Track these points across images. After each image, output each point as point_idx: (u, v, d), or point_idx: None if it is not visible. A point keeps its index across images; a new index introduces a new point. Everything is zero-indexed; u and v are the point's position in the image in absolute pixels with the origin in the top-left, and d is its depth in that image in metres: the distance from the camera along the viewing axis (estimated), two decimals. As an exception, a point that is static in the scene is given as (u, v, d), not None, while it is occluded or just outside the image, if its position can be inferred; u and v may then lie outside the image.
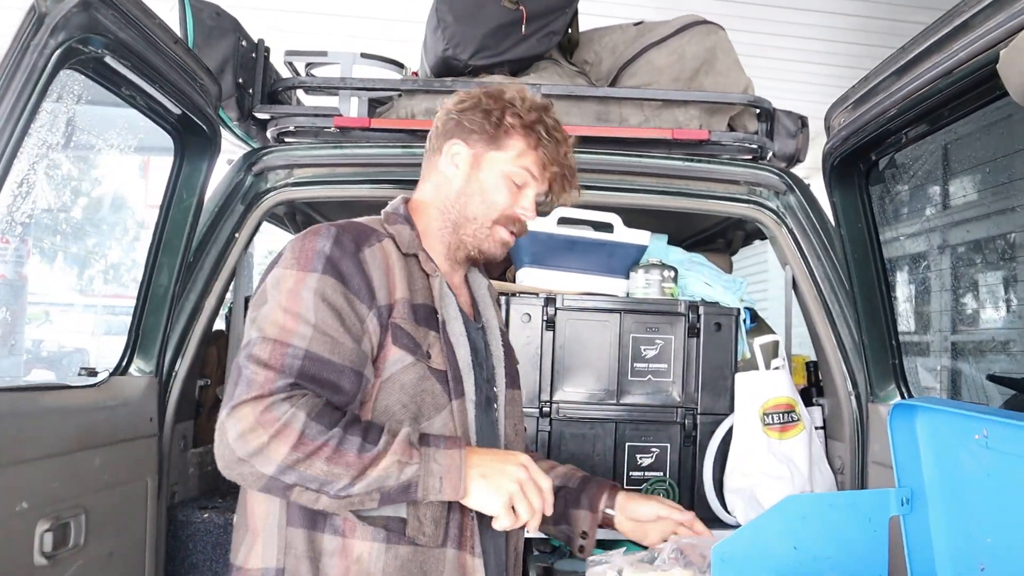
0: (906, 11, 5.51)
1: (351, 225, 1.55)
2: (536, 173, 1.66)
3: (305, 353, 1.40)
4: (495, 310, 1.83)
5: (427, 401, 1.51)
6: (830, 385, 2.47)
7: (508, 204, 1.65)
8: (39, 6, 1.40)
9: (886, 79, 1.82)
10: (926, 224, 2.51)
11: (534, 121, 1.65)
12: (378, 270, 1.50)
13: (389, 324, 1.49)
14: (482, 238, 1.67)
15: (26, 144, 1.49)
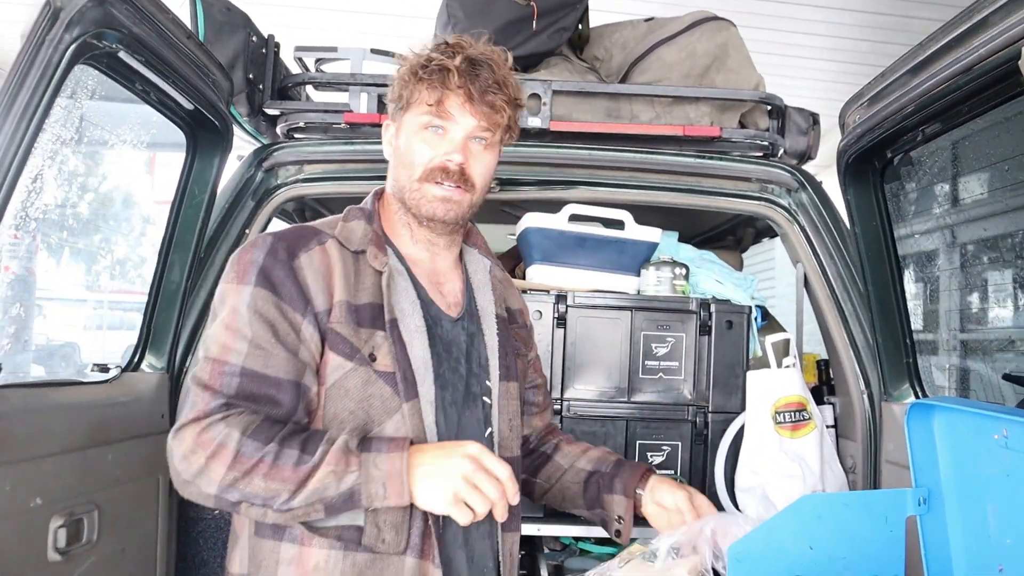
0: (915, 7, 5.50)
1: (291, 231, 1.53)
2: (438, 109, 1.54)
3: (241, 370, 1.40)
4: (499, 294, 1.75)
5: (376, 406, 1.46)
6: (842, 384, 2.46)
7: (426, 157, 1.56)
8: (54, 1, 1.40)
9: (902, 76, 1.81)
10: (941, 221, 2.50)
11: (418, 63, 1.55)
12: (315, 275, 1.47)
13: (327, 329, 1.46)
14: (417, 202, 1.58)
15: (39, 139, 1.48)
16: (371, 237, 1.57)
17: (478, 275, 1.73)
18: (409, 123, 1.58)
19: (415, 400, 1.48)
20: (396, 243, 1.63)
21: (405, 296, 1.54)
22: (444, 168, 1.55)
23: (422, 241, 1.63)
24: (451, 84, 1.51)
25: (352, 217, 1.61)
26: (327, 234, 1.54)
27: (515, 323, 1.83)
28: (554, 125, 2.50)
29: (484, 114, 1.55)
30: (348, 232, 1.56)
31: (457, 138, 1.56)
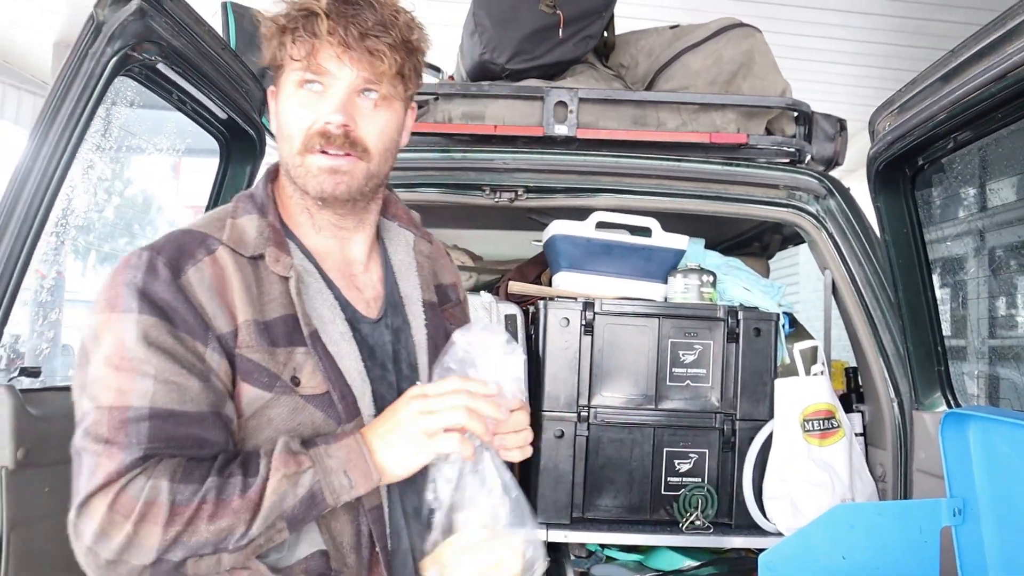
0: (939, 10, 5.47)
1: (171, 241, 1.25)
2: (309, 63, 1.27)
3: (150, 412, 1.15)
4: (427, 273, 1.49)
5: (306, 435, 1.24)
6: (871, 391, 2.45)
7: (304, 123, 1.28)
8: (97, 15, 1.42)
9: (934, 83, 1.81)
10: (975, 226, 2.48)
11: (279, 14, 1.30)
12: (208, 292, 1.22)
13: (235, 356, 1.22)
14: (302, 179, 1.31)
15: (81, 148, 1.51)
16: (268, 235, 1.31)
17: (399, 255, 1.48)
18: (284, 87, 1.32)
19: (358, 419, 1.27)
20: (298, 234, 1.37)
21: (321, 300, 1.32)
22: (324, 133, 1.27)
23: (326, 227, 1.37)
24: (320, 31, 1.25)
25: (242, 211, 1.34)
26: (215, 239, 1.27)
27: (448, 302, 1.55)
28: (581, 133, 2.50)
29: (365, 63, 1.26)
30: (239, 233, 1.30)
31: (337, 95, 1.27)
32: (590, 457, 2.45)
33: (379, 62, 1.26)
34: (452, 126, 2.56)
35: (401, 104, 1.35)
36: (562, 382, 2.44)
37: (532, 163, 2.49)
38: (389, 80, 1.28)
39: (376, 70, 1.27)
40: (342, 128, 1.26)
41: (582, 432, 2.44)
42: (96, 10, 1.43)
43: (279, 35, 1.28)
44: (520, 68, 2.63)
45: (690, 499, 2.45)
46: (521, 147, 2.52)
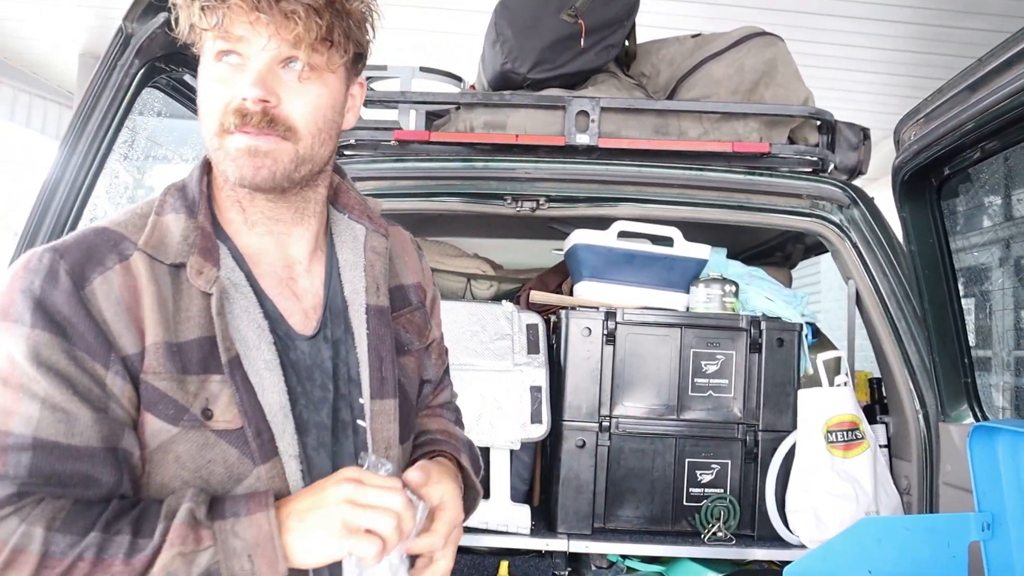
0: (960, 18, 5.44)
1: (80, 242, 1.09)
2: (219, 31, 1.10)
3: (33, 441, 1.00)
4: (377, 273, 1.30)
5: (218, 473, 1.10)
6: (896, 403, 2.42)
7: (221, 101, 1.11)
8: (126, 27, 1.43)
9: (960, 92, 1.79)
10: (1002, 235, 2.45)
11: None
12: (116, 307, 1.06)
13: (140, 382, 1.07)
14: (222, 164, 1.14)
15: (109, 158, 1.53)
16: (194, 240, 1.14)
17: (345, 251, 1.30)
18: (203, 64, 1.16)
19: (275, 459, 1.12)
20: (230, 232, 1.20)
21: (248, 320, 1.15)
22: (240, 111, 1.10)
23: (260, 222, 1.21)
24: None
25: (168, 208, 1.17)
26: (130, 242, 1.11)
27: (406, 306, 1.37)
28: (602, 142, 2.50)
29: (281, 27, 1.09)
30: (161, 234, 1.13)
31: (254, 67, 1.10)
32: (611, 467, 2.44)
33: (295, 25, 1.09)
34: (474, 135, 2.57)
35: (337, 77, 1.18)
36: (584, 392, 2.44)
37: (554, 172, 2.49)
38: (309, 46, 1.11)
39: (293, 35, 1.09)
40: (259, 104, 1.09)
41: (604, 442, 2.43)
42: (125, 23, 1.44)
43: (189, 4, 1.10)
44: (542, 77, 2.63)
45: (712, 510, 2.44)
46: (543, 156, 2.53)
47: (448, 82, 2.84)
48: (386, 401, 1.25)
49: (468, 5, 5.39)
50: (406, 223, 3.75)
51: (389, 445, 1.25)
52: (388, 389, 1.25)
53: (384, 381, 1.25)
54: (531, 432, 2.43)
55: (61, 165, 1.51)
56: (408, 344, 1.34)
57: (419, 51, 5.99)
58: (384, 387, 1.25)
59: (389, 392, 1.26)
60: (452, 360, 2.43)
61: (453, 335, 2.48)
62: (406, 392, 1.32)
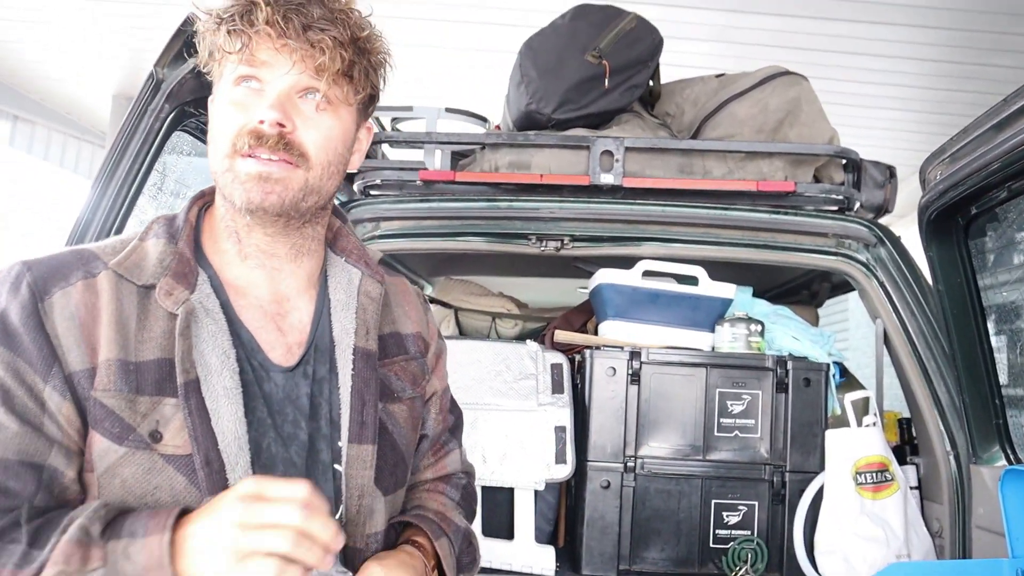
0: (988, 55, 5.42)
1: (53, 258, 1.12)
2: (243, 56, 1.12)
3: None
4: (368, 317, 1.28)
5: (165, 502, 1.06)
6: (926, 444, 2.39)
7: (236, 123, 1.13)
8: (156, 73, 1.47)
9: (987, 131, 1.79)
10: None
11: (213, 13, 1.15)
12: (69, 322, 1.06)
13: (88, 399, 1.06)
14: (229, 188, 1.14)
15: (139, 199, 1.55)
16: (169, 263, 1.15)
17: (339, 292, 1.28)
18: (220, 88, 1.17)
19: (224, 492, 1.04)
20: (217, 263, 1.21)
21: (213, 346, 1.12)
22: (256, 132, 1.11)
23: (254, 255, 1.20)
24: (258, 20, 1.11)
25: (151, 234, 1.18)
26: (101, 262, 1.12)
27: (401, 354, 1.34)
28: (627, 182, 2.51)
29: (306, 56, 1.12)
30: (139, 257, 1.15)
31: (273, 92, 1.12)
32: (637, 508, 2.42)
33: (320, 54, 1.12)
34: (498, 175, 2.59)
35: (349, 114, 1.21)
36: (608, 432, 2.42)
37: (578, 212, 2.50)
38: (331, 78, 1.14)
39: (317, 66, 1.12)
40: (276, 127, 1.11)
41: (629, 483, 2.41)
42: (156, 68, 1.48)
43: (215, 29, 1.13)
44: (566, 118, 2.66)
45: (739, 552, 2.40)
46: (567, 196, 2.54)
47: (473, 122, 2.87)
48: (364, 447, 1.21)
49: (493, 46, 5.47)
50: (431, 262, 3.79)
51: (362, 493, 1.21)
52: (367, 434, 1.22)
53: (364, 426, 1.22)
54: (556, 472, 2.42)
55: (93, 205, 1.55)
56: (400, 391, 1.31)
57: (444, 92, 6.07)
58: (363, 432, 1.21)
59: (368, 437, 1.22)
60: (476, 399, 2.45)
61: (477, 375, 2.48)
62: (394, 440, 1.28)
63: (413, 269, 3.66)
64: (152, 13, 5.55)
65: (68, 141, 7.81)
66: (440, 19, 5.48)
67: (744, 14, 5.15)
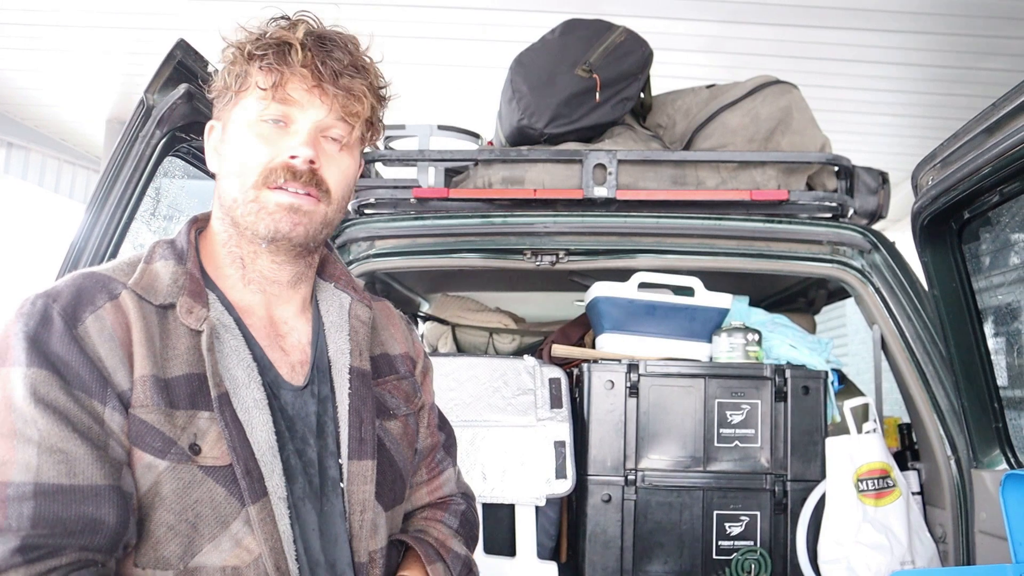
0: (980, 59, 5.45)
1: (70, 285, 1.12)
2: (276, 92, 1.18)
3: (35, 488, 0.99)
4: (361, 339, 1.33)
5: (205, 516, 1.08)
6: (927, 449, 2.38)
7: (264, 156, 1.18)
8: (147, 99, 1.47)
9: (977, 136, 1.79)
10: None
11: (249, 40, 1.20)
12: (109, 343, 1.08)
13: (129, 416, 1.08)
14: (253, 218, 1.19)
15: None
16: (184, 283, 1.17)
17: (331, 315, 1.33)
18: (239, 117, 1.21)
19: (264, 499, 1.11)
20: (223, 287, 1.24)
21: (237, 360, 1.17)
22: (289, 168, 1.18)
23: (257, 281, 1.25)
24: (293, 61, 1.17)
25: (157, 257, 1.20)
26: (119, 283, 1.14)
27: (392, 374, 1.39)
28: (620, 194, 2.51)
29: (339, 101, 1.20)
30: (151, 279, 1.17)
31: (304, 130, 1.19)
32: (639, 521, 2.41)
33: (353, 102, 1.21)
34: (492, 191, 2.59)
35: (359, 154, 1.30)
36: (608, 445, 2.42)
37: (573, 226, 2.50)
38: (363, 123, 1.24)
39: (348, 110, 1.21)
40: (309, 164, 1.18)
41: (630, 496, 2.40)
42: (146, 95, 1.49)
43: (243, 62, 1.19)
44: (558, 132, 2.66)
45: (743, 563, 2.39)
46: (561, 210, 2.54)
47: (466, 139, 2.87)
48: (364, 462, 1.25)
49: (483, 62, 5.49)
50: (428, 279, 3.79)
51: (364, 508, 1.23)
52: (367, 450, 1.25)
53: (363, 442, 1.25)
54: (556, 487, 2.41)
55: (86, 231, 1.55)
56: (395, 409, 1.35)
57: (436, 109, 6.09)
58: (363, 448, 1.25)
59: (367, 453, 1.25)
60: (475, 416, 2.44)
61: (475, 391, 2.48)
62: (391, 456, 1.32)
63: (409, 287, 3.66)
64: (145, 39, 5.57)
65: (63, 167, 7.82)
66: (431, 37, 5.50)
67: (733, 24, 5.17)
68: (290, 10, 1.24)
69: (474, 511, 1.53)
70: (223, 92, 1.22)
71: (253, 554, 1.10)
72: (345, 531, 1.21)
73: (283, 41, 1.17)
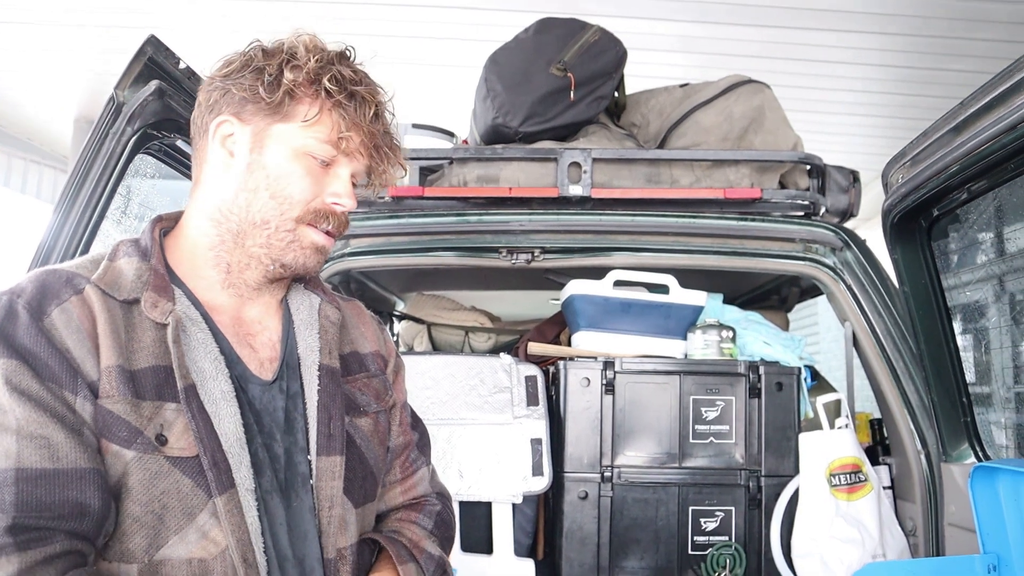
0: (947, 60, 5.52)
1: (33, 281, 1.12)
2: (339, 144, 1.23)
3: (16, 474, 1.00)
4: (330, 338, 1.34)
5: (171, 507, 1.08)
6: (897, 444, 2.42)
7: (312, 193, 1.23)
8: (117, 96, 1.46)
9: (944, 135, 1.82)
10: (994, 271, 2.47)
11: (322, 73, 1.21)
12: (76, 335, 1.08)
13: (97, 407, 1.07)
14: (282, 247, 1.24)
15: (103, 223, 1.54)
16: (148, 279, 1.18)
17: (301, 314, 1.34)
18: (286, 140, 1.22)
19: (232, 491, 1.11)
20: (192, 286, 1.24)
21: (204, 352, 1.17)
22: (332, 212, 1.25)
23: (237, 286, 1.27)
24: (363, 120, 1.23)
25: (120, 254, 1.21)
26: (83, 278, 1.14)
27: (363, 371, 1.40)
28: (595, 192, 2.52)
29: (377, 163, 1.29)
30: (114, 275, 1.17)
31: (347, 178, 1.26)
32: (615, 518, 2.42)
33: (380, 164, 1.29)
34: (467, 189, 2.59)
35: None
36: (585, 442, 2.43)
37: (548, 224, 2.51)
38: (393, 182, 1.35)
39: (384, 173, 1.31)
40: (345, 215, 1.28)
41: (606, 493, 2.42)
42: (116, 91, 1.47)
43: (310, 90, 1.22)
44: (533, 131, 2.67)
45: (718, 558, 2.41)
46: (536, 208, 2.55)
47: (440, 137, 2.87)
48: (332, 458, 1.25)
49: (458, 61, 5.48)
50: (403, 278, 3.77)
51: (332, 504, 1.24)
52: (335, 446, 1.26)
53: (331, 438, 1.26)
54: (533, 485, 2.42)
55: (55, 231, 1.53)
56: (365, 406, 1.36)
57: (411, 108, 6.06)
58: (331, 443, 1.26)
59: (336, 449, 1.26)
60: (452, 414, 2.44)
61: (452, 389, 2.48)
62: (362, 453, 1.32)
63: (385, 285, 3.65)
64: (113, 36, 5.51)
65: (29, 167, 7.71)
66: (405, 35, 5.48)
67: (706, 24, 5.20)
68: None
69: (450, 511, 1.53)
70: (254, 96, 1.20)
71: (220, 546, 1.10)
72: (314, 527, 1.21)
73: (360, 96, 1.23)
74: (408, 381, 1.59)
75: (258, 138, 1.22)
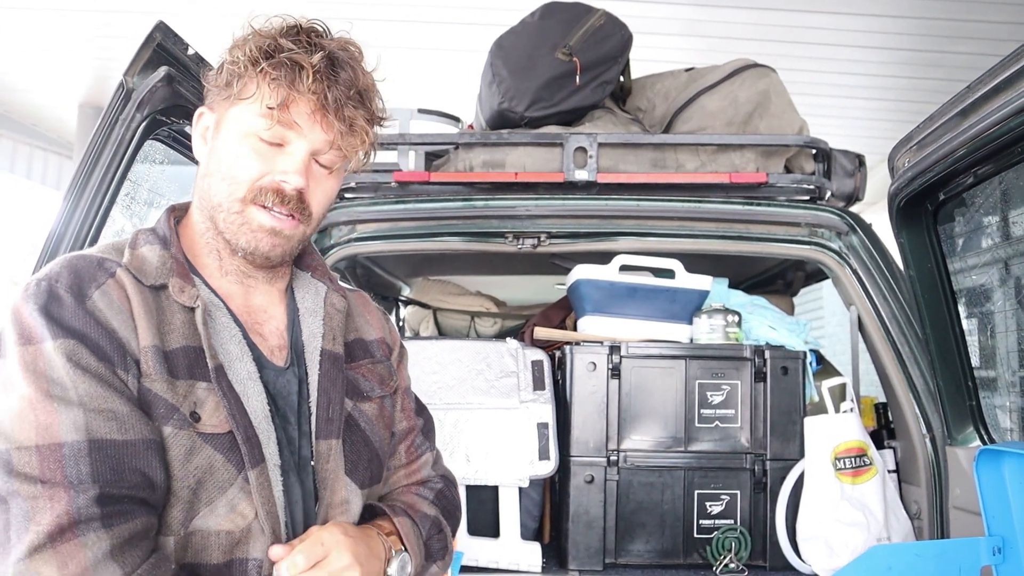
0: (952, 43, 5.50)
1: (65, 266, 1.13)
2: (280, 114, 1.19)
3: (89, 444, 1.02)
4: (335, 325, 1.36)
5: (205, 481, 1.11)
6: (902, 427, 2.42)
7: (254, 171, 1.20)
8: (127, 82, 1.46)
9: (951, 119, 1.82)
10: (1000, 255, 2.46)
11: (261, 48, 1.19)
12: (118, 315, 1.11)
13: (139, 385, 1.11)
14: (235, 229, 1.22)
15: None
16: (171, 267, 1.21)
17: (307, 302, 1.36)
18: (235, 122, 1.22)
19: (262, 465, 1.15)
20: (203, 274, 1.27)
21: (229, 336, 1.21)
22: (279, 191, 1.21)
23: (233, 273, 1.28)
24: (301, 86, 1.18)
25: (142, 242, 1.23)
26: (112, 261, 1.17)
27: (367, 358, 1.42)
28: (601, 177, 2.52)
29: (338, 132, 1.22)
30: (140, 261, 1.19)
31: (299, 155, 1.21)
32: (621, 501, 2.43)
33: (351, 136, 1.23)
34: (473, 175, 2.59)
35: (343, 171, 1.32)
36: (591, 427, 2.44)
37: (554, 209, 2.51)
38: (363, 153, 1.27)
39: (346, 142, 1.23)
40: (297, 191, 1.22)
41: (612, 476, 2.43)
42: (125, 77, 1.47)
43: (250, 67, 1.19)
44: (539, 115, 2.66)
45: (723, 542, 2.43)
46: (542, 193, 2.55)
47: (446, 123, 2.87)
48: (330, 441, 1.28)
49: (463, 45, 5.47)
50: (409, 263, 3.77)
51: (334, 486, 1.27)
52: (333, 429, 1.28)
53: (330, 421, 1.28)
54: (539, 469, 2.43)
55: (65, 218, 1.53)
56: (369, 391, 1.38)
57: (416, 93, 6.05)
58: (330, 427, 1.28)
59: (334, 432, 1.28)
60: (458, 399, 2.45)
61: (458, 374, 2.49)
62: (366, 436, 1.35)
63: (391, 271, 3.66)
64: (117, 22, 5.50)
65: (34, 152, 7.72)
66: (410, 20, 5.47)
67: (711, 7, 5.19)
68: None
69: (453, 491, 1.55)
70: (223, 88, 1.22)
71: (247, 519, 1.13)
72: (314, 511, 1.24)
73: (295, 62, 1.18)
74: (415, 366, 1.61)
75: (218, 124, 1.25)
